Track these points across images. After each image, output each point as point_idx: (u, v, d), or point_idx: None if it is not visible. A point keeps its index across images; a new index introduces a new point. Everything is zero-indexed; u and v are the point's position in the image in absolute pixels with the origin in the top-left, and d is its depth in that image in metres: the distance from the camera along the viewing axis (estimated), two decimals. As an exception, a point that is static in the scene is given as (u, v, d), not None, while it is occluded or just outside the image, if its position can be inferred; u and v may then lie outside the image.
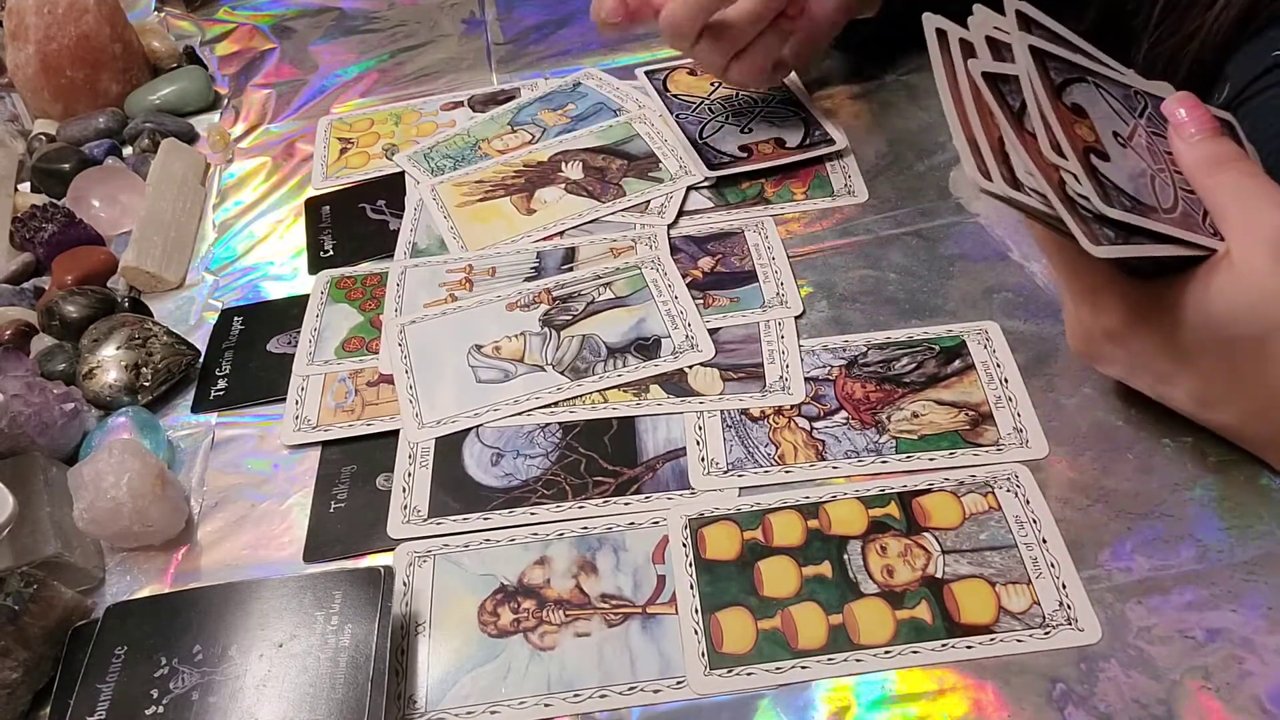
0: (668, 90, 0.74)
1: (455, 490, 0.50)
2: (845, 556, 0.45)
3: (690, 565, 0.45)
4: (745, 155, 0.67)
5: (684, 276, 0.59)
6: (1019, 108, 0.38)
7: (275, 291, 0.65)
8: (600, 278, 0.60)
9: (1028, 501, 0.45)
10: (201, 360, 0.60)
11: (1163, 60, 0.53)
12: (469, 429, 0.53)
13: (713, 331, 0.56)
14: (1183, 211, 0.40)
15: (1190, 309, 0.39)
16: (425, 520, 0.49)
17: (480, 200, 0.68)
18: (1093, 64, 0.40)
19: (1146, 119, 0.41)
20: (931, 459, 0.48)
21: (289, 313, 0.62)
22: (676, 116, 0.71)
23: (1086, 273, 0.42)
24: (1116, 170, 0.38)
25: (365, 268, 0.65)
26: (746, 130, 0.69)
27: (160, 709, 0.40)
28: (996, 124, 0.38)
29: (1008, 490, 0.46)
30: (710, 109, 0.71)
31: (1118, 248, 0.37)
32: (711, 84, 0.74)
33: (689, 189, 0.66)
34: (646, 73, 0.76)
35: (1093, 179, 0.37)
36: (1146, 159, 0.40)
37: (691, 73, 0.75)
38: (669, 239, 0.63)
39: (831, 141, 0.67)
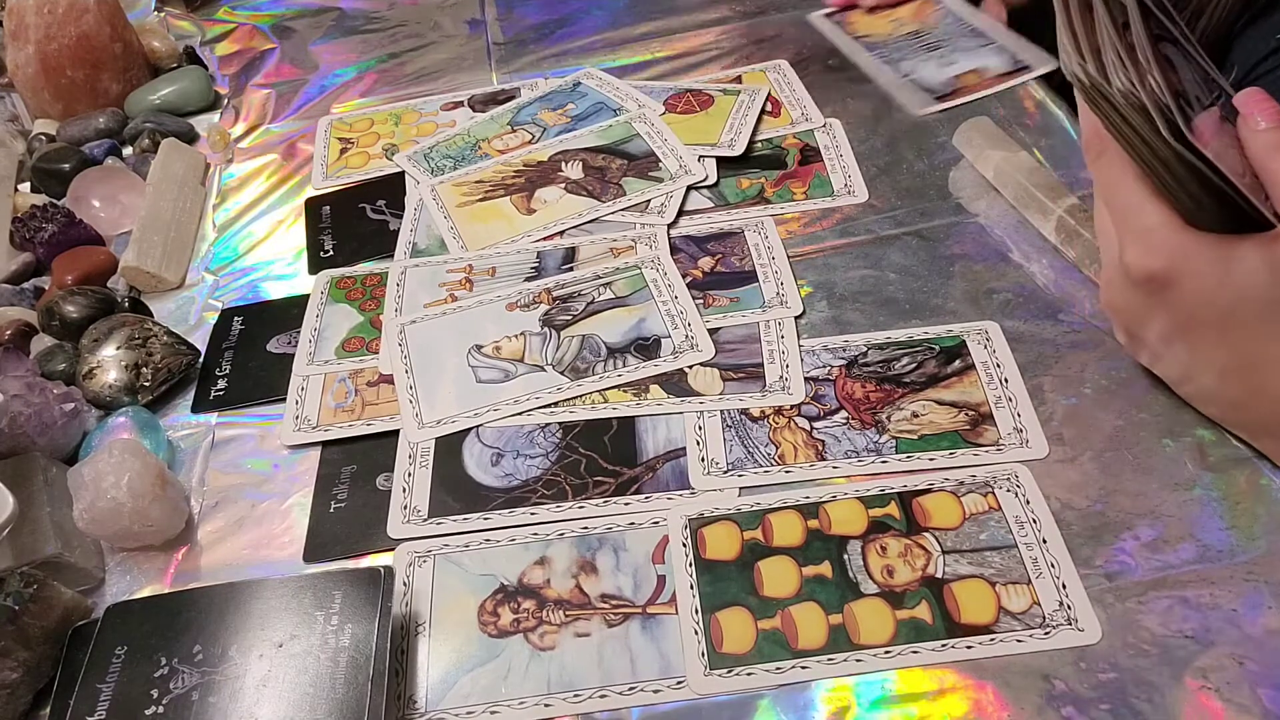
0: (852, 32, 0.75)
1: (455, 490, 0.50)
2: (845, 556, 0.45)
3: (690, 565, 0.45)
4: (956, 88, 0.69)
5: (684, 276, 0.59)
6: (1122, 23, 0.39)
7: (275, 291, 0.65)
8: (600, 278, 0.60)
9: (1028, 501, 0.45)
10: (201, 360, 0.60)
11: None
12: (469, 429, 0.53)
13: (713, 331, 0.56)
14: (1249, 185, 0.40)
15: (1240, 268, 0.40)
16: (425, 520, 0.49)
17: (480, 200, 0.68)
18: (1185, 42, 0.41)
19: (1221, 105, 0.42)
20: (931, 459, 0.48)
21: (289, 313, 0.62)
22: (875, 54, 0.72)
23: (1143, 210, 0.42)
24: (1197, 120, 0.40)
25: (365, 268, 0.65)
26: (949, 63, 0.70)
27: (160, 709, 0.40)
28: (1099, 30, 0.39)
29: (1008, 490, 0.46)
30: (900, 48, 0.72)
31: (1193, 155, 0.38)
32: (891, 22, 0.75)
33: (689, 188, 0.66)
34: (826, 14, 0.79)
35: (1180, 112, 0.38)
36: (1219, 129, 0.41)
37: (871, 11, 0.77)
38: (669, 239, 0.63)
39: (1028, 68, 0.68)
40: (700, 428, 0.51)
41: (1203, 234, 0.41)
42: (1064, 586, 0.42)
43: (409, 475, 0.51)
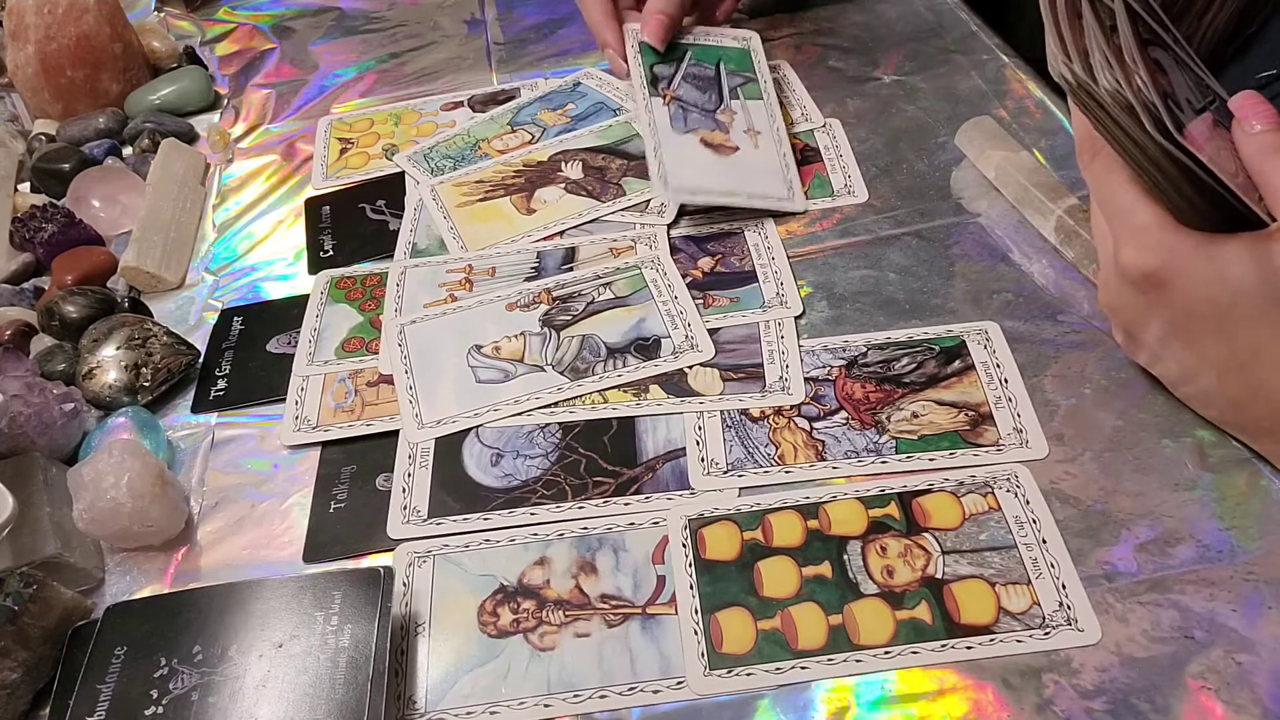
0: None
1: (455, 490, 0.50)
2: (845, 557, 0.45)
3: (690, 565, 0.45)
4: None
5: (684, 276, 0.59)
6: (1110, 26, 0.39)
7: (275, 291, 0.65)
8: (600, 278, 0.60)
9: (1028, 502, 0.45)
10: (201, 360, 0.60)
11: None
12: (469, 429, 0.53)
13: (713, 331, 0.56)
14: (1242, 184, 0.41)
15: (1231, 267, 0.40)
16: (425, 520, 0.49)
17: (480, 200, 0.68)
18: (1177, 46, 0.41)
19: (1214, 109, 0.42)
20: (931, 459, 0.48)
21: (289, 313, 0.62)
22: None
23: (1136, 211, 0.42)
24: (1187, 120, 0.40)
25: (365, 268, 0.65)
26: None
27: (160, 709, 0.40)
28: (1085, 29, 0.40)
29: (1008, 490, 0.46)
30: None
31: (1181, 153, 0.39)
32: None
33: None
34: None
35: (1168, 112, 0.39)
36: (1212, 133, 0.41)
37: None
38: (669, 239, 0.63)
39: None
40: (700, 428, 0.51)
41: (1195, 233, 0.41)
42: (1064, 587, 0.42)
43: (409, 475, 0.51)
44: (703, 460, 0.50)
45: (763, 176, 0.64)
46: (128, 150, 0.78)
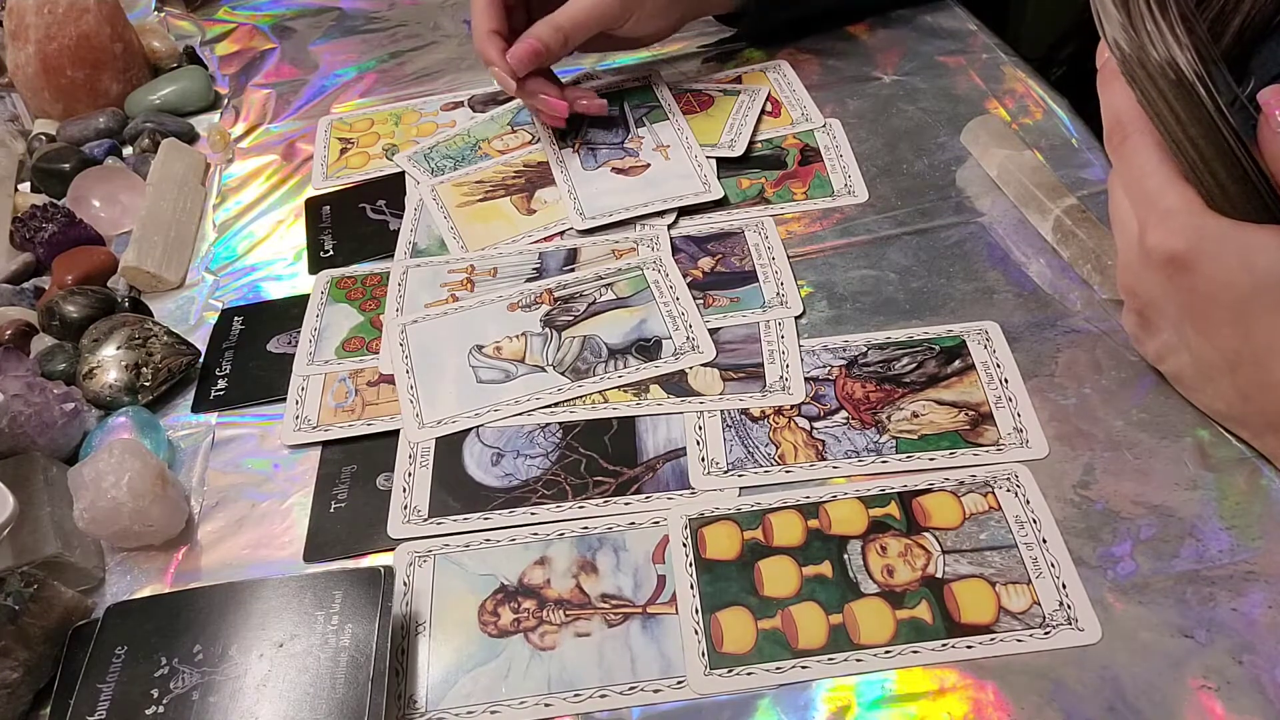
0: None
1: (455, 490, 0.50)
2: (845, 556, 0.45)
3: (690, 565, 0.45)
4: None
5: (684, 276, 0.59)
6: (1160, 3, 0.40)
7: (275, 291, 0.65)
8: (602, 278, 0.60)
9: (1028, 501, 0.46)
10: (201, 360, 0.60)
11: None
12: (469, 429, 0.53)
13: (713, 331, 0.56)
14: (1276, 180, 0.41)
15: (1260, 256, 0.40)
16: (425, 520, 0.49)
17: (480, 200, 0.68)
18: (1206, 45, 0.42)
19: (1233, 108, 0.42)
20: (931, 459, 0.48)
21: (289, 313, 0.62)
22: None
23: (1167, 193, 0.42)
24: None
25: (365, 267, 0.65)
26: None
27: (160, 709, 0.40)
28: (1134, 7, 0.41)
29: (1008, 490, 0.46)
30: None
31: (1225, 127, 0.39)
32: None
33: (689, 189, 0.66)
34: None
35: (1214, 87, 0.40)
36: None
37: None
38: (669, 239, 0.63)
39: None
40: (700, 428, 0.51)
41: (1224, 219, 0.41)
42: (1064, 586, 0.42)
43: (409, 475, 0.51)
44: (703, 460, 0.50)
45: (676, 180, 0.66)
46: (128, 150, 0.79)
